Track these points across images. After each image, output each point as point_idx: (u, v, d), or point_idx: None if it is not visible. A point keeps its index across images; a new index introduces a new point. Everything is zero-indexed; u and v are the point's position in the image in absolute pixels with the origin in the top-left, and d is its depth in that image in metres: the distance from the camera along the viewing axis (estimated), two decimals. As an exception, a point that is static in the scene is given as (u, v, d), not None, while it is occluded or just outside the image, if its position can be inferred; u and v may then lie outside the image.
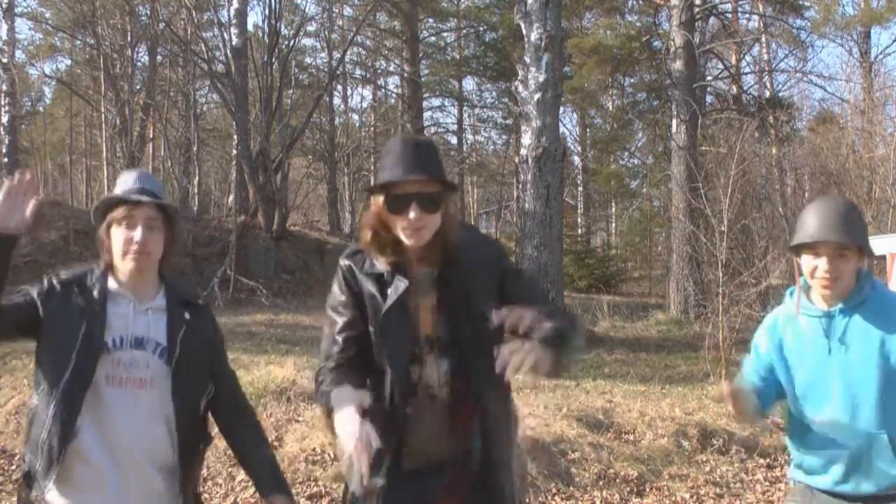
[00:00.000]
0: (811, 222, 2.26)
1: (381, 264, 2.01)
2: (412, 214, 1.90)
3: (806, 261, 2.28)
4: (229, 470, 4.97)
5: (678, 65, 15.32)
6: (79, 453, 2.09)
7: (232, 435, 2.35)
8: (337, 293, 2.06)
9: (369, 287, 2.01)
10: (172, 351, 2.18)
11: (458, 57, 27.51)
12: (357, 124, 27.66)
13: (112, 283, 2.20)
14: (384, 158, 1.99)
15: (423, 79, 25.35)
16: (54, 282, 2.18)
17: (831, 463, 2.30)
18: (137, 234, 2.14)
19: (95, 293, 2.16)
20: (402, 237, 1.96)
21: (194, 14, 16.85)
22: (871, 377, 2.21)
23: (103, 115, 19.45)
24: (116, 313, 2.16)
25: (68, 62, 24.90)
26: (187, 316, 2.24)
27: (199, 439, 2.27)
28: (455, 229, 2.03)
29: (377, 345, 2.01)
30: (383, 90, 28.62)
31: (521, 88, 11.18)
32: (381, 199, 1.96)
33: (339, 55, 20.93)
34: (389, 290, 1.98)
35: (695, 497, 5.03)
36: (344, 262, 2.07)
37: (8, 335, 2.23)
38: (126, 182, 2.23)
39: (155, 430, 2.15)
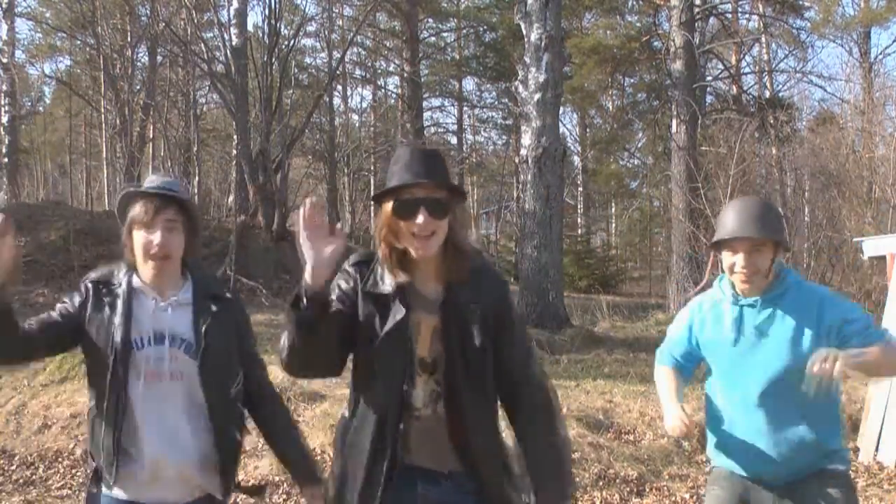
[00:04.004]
0: (729, 220, 2.38)
1: (388, 282, 1.99)
2: (420, 219, 1.89)
3: (725, 257, 2.40)
4: (229, 470, 4.97)
5: (678, 65, 15.31)
6: (128, 451, 2.17)
7: (262, 421, 2.40)
8: (335, 289, 2.02)
9: (368, 305, 1.99)
10: (199, 344, 2.22)
11: (458, 57, 27.51)
12: (357, 124, 27.70)
13: (136, 281, 2.25)
14: (393, 166, 1.99)
15: (423, 79, 25.36)
16: (89, 287, 2.24)
17: (747, 445, 2.39)
18: (157, 237, 2.18)
19: (121, 292, 2.22)
20: (411, 249, 1.94)
21: (194, 14, 16.83)
22: (789, 367, 2.32)
23: (103, 115, 19.48)
24: (140, 310, 2.22)
25: (68, 62, 24.94)
26: (213, 308, 2.28)
27: (234, 427, 2.30)
28: (465, 238, 2.02)
29: (369, 363, 2.00)
30: (383, 90, 28.63)
31: (521, 88, 11.17)
32: (389, 206, 1.95)
33: (339, 55, 20.92)
34: (389, 314, 1.96)
35: (695, 497, 5.02)
36: (350, 269, 2.05)
37: (55, 349, 2.31)
38: (149, 181, 2.30)
39: (189, 421, 2.21)
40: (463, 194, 2.07)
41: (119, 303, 2.19)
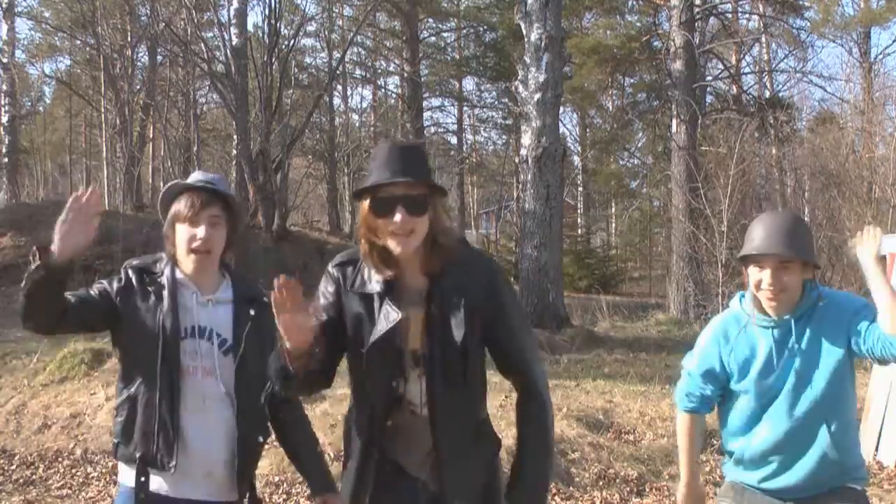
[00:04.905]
0: (757, 235, 2.32)
1: (374, 281, 1.97)
2: (398, 217, 1.86)
3: (752, 272, 2.35)
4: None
5: (678, 65, 15.31)
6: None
7: (281, 427, 2.40)
8: (320, 296, 2.03)
9: (354, 306, 1.97)
10: (238, 346, 2.23)
11: (458, 57, 27.52)
12: (357, 124, 27.69)
13: (178, 273, 2.26)
14: (371, 163, 1.96)
15: (423, 79, 25.36)
16: (130, 273, 2.25)
17: (768, 458, 2.37)
18: (201, 231, 2.20)
19: (164, 282, 2.23)
20: (390, 246, 1.91)
21: (194, 14, 16.85)
22: (819, 385, 2.30)
23: (103, 115, 19.47)
24: (181, 303, 2.22)
25: (68, 62, 24.94)
26: (252, 312, 2.29)
27: (258, 432, 2.31)
28: (446, 234, 1.98)
29: (360, 362, 1.97)
30: (383, 90, 28.65)
31: (521, 88, 11.18)
32: (366, 203, 1.92)
33: (339, 55, 20.93)
34: (380, 316, 1.94)
35: (695, 497, 5.02)
36: (333, 271, 2.03)
37: (84, 328, 2.29)
38: (193, 177, 2.34)
39: (215, 419, 2.20)
40: (442, 190, 2.02)
41: (165, 292, 2.20)
